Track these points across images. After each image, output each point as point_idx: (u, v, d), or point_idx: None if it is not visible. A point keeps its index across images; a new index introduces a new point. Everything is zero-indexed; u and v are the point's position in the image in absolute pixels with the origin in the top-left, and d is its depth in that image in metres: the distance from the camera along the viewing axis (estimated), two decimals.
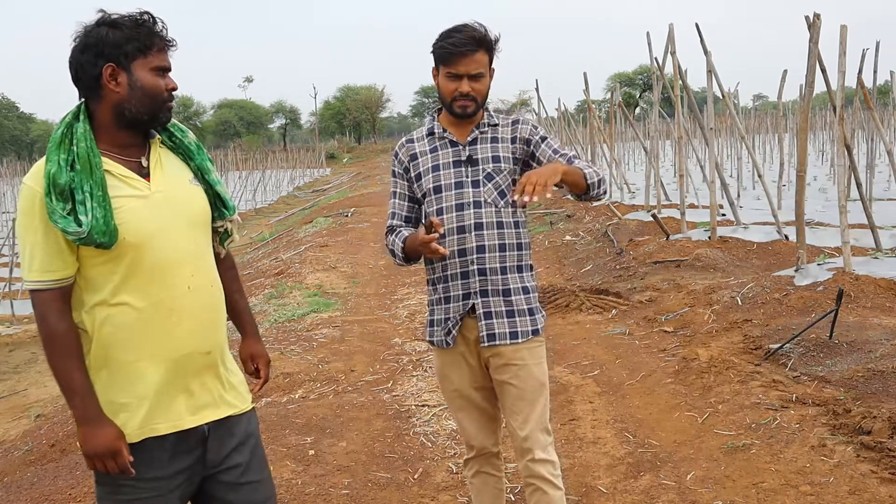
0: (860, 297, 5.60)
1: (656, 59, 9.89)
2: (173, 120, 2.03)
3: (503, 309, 2.50)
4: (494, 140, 2.55)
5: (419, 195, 2.59)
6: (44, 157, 1.82)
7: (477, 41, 2.42)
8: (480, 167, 2.52)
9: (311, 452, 4.01)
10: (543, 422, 2.54)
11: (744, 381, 4.44)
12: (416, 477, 3.79)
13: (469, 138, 2.55)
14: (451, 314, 2.54)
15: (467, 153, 2.53)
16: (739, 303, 5.93)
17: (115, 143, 1.89)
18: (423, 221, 2.51)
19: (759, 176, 9.65)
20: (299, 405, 4.78)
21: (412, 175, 2.61)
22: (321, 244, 11.92)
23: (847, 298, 5.35)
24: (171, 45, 1.94)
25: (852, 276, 5.92)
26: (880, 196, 12.90)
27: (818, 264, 6.49)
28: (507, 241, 2.50)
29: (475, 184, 2.51)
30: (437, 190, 2.54)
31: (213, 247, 2.09)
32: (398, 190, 2.66)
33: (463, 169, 2.53)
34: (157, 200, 1.89)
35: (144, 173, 1.92)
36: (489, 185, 2.51)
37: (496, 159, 2.52)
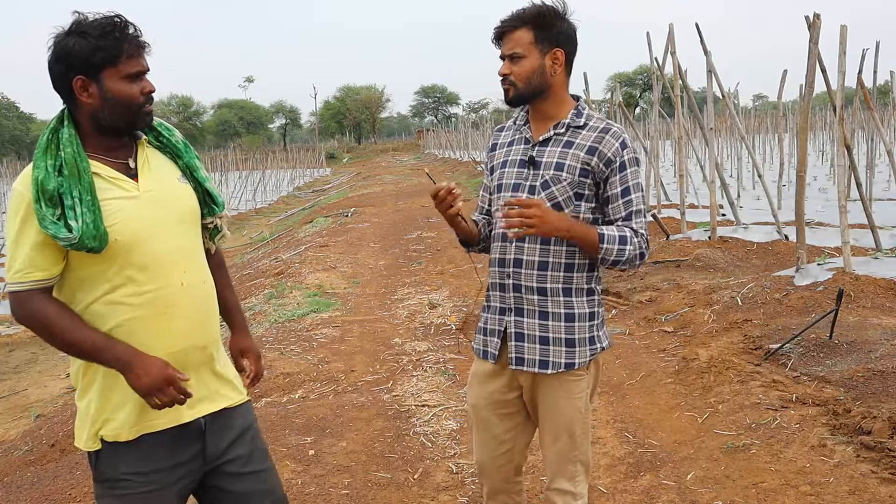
0: (860, 297, 5.60)
1: (656, 59, 9.89)
2: (159, 119, 2.03)
3: (536, 333, 2.27)
4: (568, 145, 2.24)
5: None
6: (26, 173, 1.83)
7: (516, 17, 2.19)
8: (541, 172, 2.25)
9: (311, 452, 4.01)
10: (573, 454, 2.33)
11: (744, 381, 4.44)
12: (416, 477, 3.79)
13: (542, 137, 2.28)
14: (488, 325, 2.38)
15: (532, 153, 2.28)
16: (739, 303, 5.93)
17: (100, 146, 1.90)
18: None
19: (759, 176, 9.65)
20: (299, 405, 4.78)
21: (490, 166, 2.43)
22: (321, 244, 11.91)
23: (847, 298, 5.35)
24: (145, 48, 1.88)
25: (852, 276, 5.92)
26: (880, 196, 12.90)
27: (818, 264, 6.49)
28: (551, 260, 2.24)
29: (531, 189, 2.26)
30: (499, 188, 2.35)
31: (204, 243, 2.11)
32: (485, 181, 2.49)
33: (525, 170, 2.29)
34: (146, 200, 1.91)
35: (132, 174, 1.93)
36: (543, 193, 2.24)
37: (559, 167, 2.23)
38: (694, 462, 3.68)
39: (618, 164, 2.22)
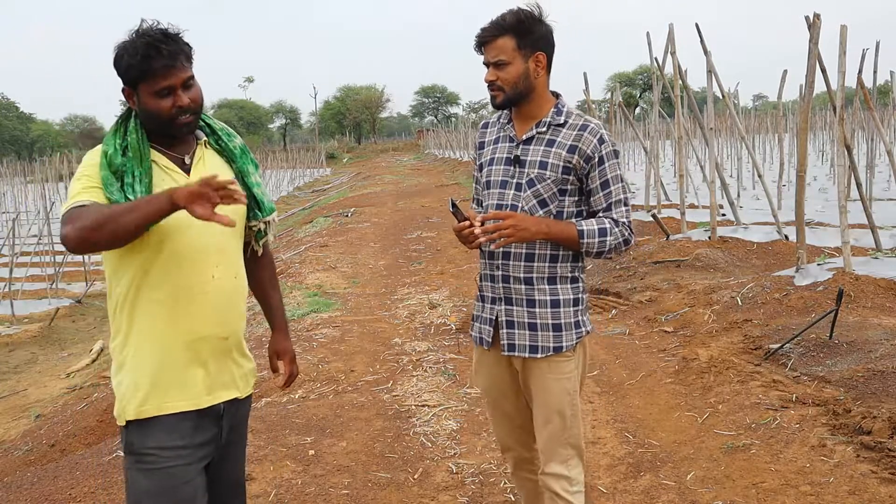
0: (860, 297, 5.59)
1: (656, 59, 9.89)
2: (223, 125, 2.23)
3: (525, 320, 2.41)
4: (550, 143, 2.37)
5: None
6: (96, 148, 2.04)
7: (497, 26, 2.30)
8: (526, 170, 2.39)
9: (311, 452, 4.01)
10: (564, 436, 2.44)
11: (744, 381, 4.44)
12: (416, 477, 3.79)
13: (525, 136, 2.41)
14: (482, 313, 2.52)
15: (517, 152, 2.42)
16: (739, 303, 5.93)
17: (161, 139, 2.07)
18: (452, 209, 2.39)
19: (759, 176, 9.65)
20: (299, 405, 4.78)
21: (479, 163, 2.56)
22: (321, 244, 11.91)
23: (847, 298, 5.34)
24: (177, 65, 1.98)
25: (852, 276, 5.92)
26: (880, 196, 12.90)
27: (818, 264, 6.49)
28: (537, 252, 2.37)
29: (518, 187, 2.40)
30: (488, 185, 2.48)
31: (251, 244, 2.29)
32: (476, 174, 2.62)
33: (511, 168, 2.42)
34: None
35: (186, 169, 2.09)
36: (529, 191, 2.38)
37: (543, 165, 2.36)
38: (694, 462, 3.68)
39: (596, 159, 2.35)
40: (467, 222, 2.30)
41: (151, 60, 1.95)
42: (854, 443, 3.48)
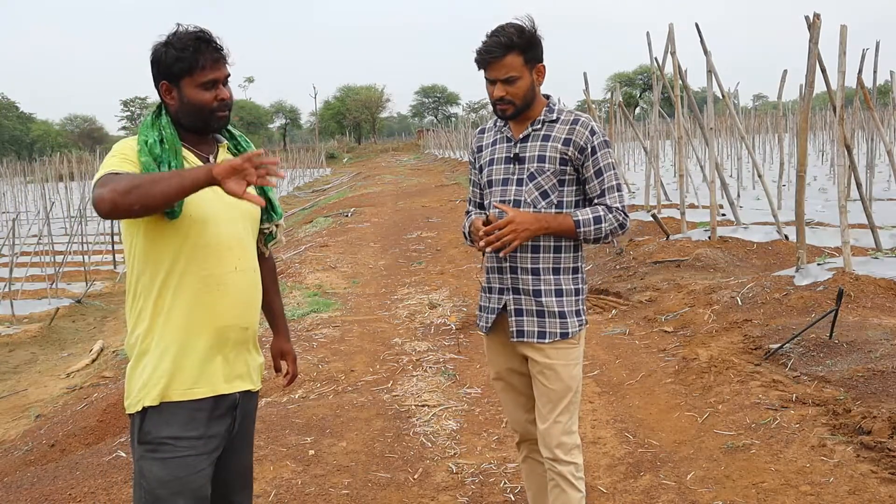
0: (860, 297, 5.60)
1: (656, 59, 9.89)
2: (240, 132, 2.33)
3: (533, 308, 2.53)
4: (546, 139, 2.53)
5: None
6: (129, 137, 2.12)
7: (504, 45, 2.40)
8: (526, 166, 2.53)
9: (311, 452, 4.01)
10: (566, 422, 2.56)
11: (744, 381, 4.44)
12: (416, 477, 3.79)
13: (522, 135, 2.56)
14: (490, 303, 2.63)
15: (516, 150, 2.56)
16: (739, 303, 5.93)
17: (188, 137, 2.17)
18: (486, 212, 2.58)
19: (759, 176, 9.65)
20: (299, 405, 4.78)
21: (478, 166, 2.70)
22: (321, 244, 11.91)
23: (847, 298, 5.35)
24: (222, 60, 2.13)
25: (852, 276, 5.92)
26: (880, 196, 12.91)
27: (818, 264, 6.49)
28: (542, 243, 2.51)
29: (519, 182, 2.54)
30: (490, 184, 2.61)
31: (258, 246, 2.36)
32: (472, 178, 2.78)
33: (511, 166, 2.56)
34: (218, 191, 2.11)
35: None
36: (531, 184, 2.52)
37: (541, 159, 2.51)
38: (694, 462, 3.68)
39: (590, 149, 2.50)
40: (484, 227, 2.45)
41: (201, 53, 2.07)
42: (854, 443, 3.49)
